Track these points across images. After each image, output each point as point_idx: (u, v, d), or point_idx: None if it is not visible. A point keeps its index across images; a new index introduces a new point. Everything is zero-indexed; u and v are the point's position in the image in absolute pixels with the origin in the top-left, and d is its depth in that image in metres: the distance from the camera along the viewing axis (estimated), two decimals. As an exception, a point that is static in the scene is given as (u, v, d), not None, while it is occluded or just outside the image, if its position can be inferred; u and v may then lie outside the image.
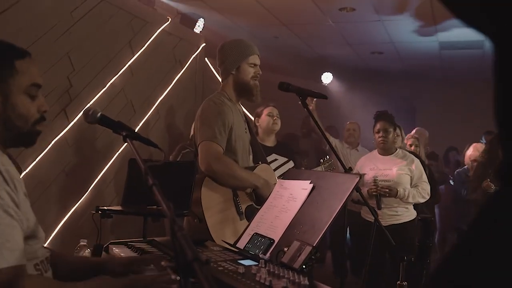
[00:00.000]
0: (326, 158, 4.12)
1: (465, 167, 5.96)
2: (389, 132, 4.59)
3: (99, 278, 1.67)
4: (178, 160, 4.62)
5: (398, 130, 5.29)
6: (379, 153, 4.71)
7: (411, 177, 4.54)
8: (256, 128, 4.78)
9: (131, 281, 1.61)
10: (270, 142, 4.80)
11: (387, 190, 4.38)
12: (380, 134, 4.59)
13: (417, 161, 4.63)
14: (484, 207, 0.80)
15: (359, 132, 6.46)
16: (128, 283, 1.59)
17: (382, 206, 4.40)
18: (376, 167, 4.60)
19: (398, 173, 4.50)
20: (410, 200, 4.44)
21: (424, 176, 4.59)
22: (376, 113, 4.79)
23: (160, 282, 1.54)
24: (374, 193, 4.40)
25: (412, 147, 5.55)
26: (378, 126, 4.63)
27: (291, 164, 4.78)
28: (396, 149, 4.70)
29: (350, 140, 6.39)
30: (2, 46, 1.61)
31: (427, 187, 4.54)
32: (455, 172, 6.13)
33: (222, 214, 2.78)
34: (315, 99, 5.67)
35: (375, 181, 4.42)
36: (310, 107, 5.70)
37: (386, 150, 4.65)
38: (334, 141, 6.30)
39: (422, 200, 4.52)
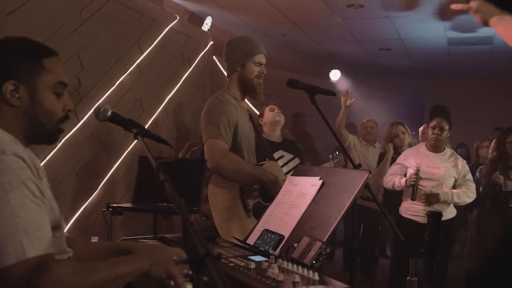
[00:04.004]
0: (336, 153, 4.11)
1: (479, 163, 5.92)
2: (445, 130, 4.43)
3: (127, 255, 1.68)
4: (187, 157, 4.64)
5: (402, 127, 5.25)
6: (428, 149, 4.55)
7: (455, 179, 4.45)
8: (261, 127, 4.80)
9: (156, 258, 1.64)
10: (276, 137, 4.81)
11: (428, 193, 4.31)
12: (436, 131, 4.41)
13: (463, 161, 4.52)
14: None
15: (376, 129, 6.45)
16: (153, 261, 1.62)
17: (415, 197, 4.30)
18: (423, 163, 4.45)
19: (444, 174, 4.39)
20: (456, 200, 4.35)
21: (469, 175, 4.49)
22: (433, 106, 4.62)
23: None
24: (413, 182, 4.29)
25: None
26: (434, 122, 4.45)
27: (297, 161, 4.79)
28: (445, 148, 4.56)
29: (367, 137, 6.38)
30: (31, 45, 1.64)
31: (473, 186, 4.45)
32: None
33: (229, 211, 2.79)
34: (353, 99, 5.79)
35: (417, 170, 4.30)
36: (347, 103, 5.75)
37: (436, 148, 4.50)
38: (352, 138, 6.28)
39: (469, 200, 4.43)
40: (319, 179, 2.17)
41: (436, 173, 4.39)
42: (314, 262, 1.74)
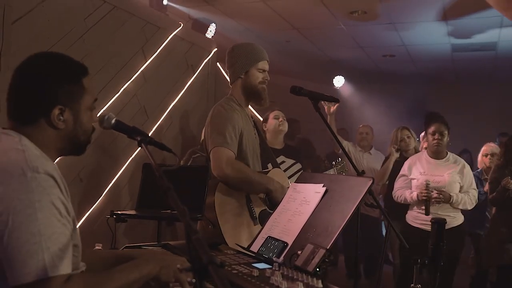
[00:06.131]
0: (339, 160, 4.11)
1: (478, 170, 5.89)
2: (444, 134, 4.45)
3: (135, 260, 1.69)
4: (188, 164, 4.64)
5: (407, 132, 5.30)
6: (430, 156, 4.56)
7: (460, 185, 4.44)
8: (264, 134, 4.81)
9: (165, 262, 1.65)
10: (278, 144, 4.84)
11: (441, 196, 4.29)
12: (436, 137, 4.43)
13: (467, 167, 4.53)
14: None
15: (372, 135, 6.43)
16: (163, 264, 1.62)
17: (429, 212, 4.29)
18: (426, 171, 4.47)
19: (450, 180, 4.39)
20: (461, 206, 4.38)
21: (474, 183, 4.51)
22: (428, 114, 4.66)
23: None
24: (424, 197, 4.30)
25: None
26: (433, 128, 4.46)
27: (298, 166, 4.81)
28: (447, 153, 4.56)
29: (363, 143, 6.36)
30: (70, 65, 1.65)
31: (475, 193, 4.48)
32: None
33: (236, 219, 2.78)
34: (336, 105, 5.68)
35: (427, 185, 4.31)
36: (331, 110, 5.75)
37: (438, 153, 4.51)
38: (347, 145, 6.26)
39: (470, 207, 4.45)
40: (323, 186, 2.17)
41: (441, 181, 4.40)
42: (317, 269, 1.73)
